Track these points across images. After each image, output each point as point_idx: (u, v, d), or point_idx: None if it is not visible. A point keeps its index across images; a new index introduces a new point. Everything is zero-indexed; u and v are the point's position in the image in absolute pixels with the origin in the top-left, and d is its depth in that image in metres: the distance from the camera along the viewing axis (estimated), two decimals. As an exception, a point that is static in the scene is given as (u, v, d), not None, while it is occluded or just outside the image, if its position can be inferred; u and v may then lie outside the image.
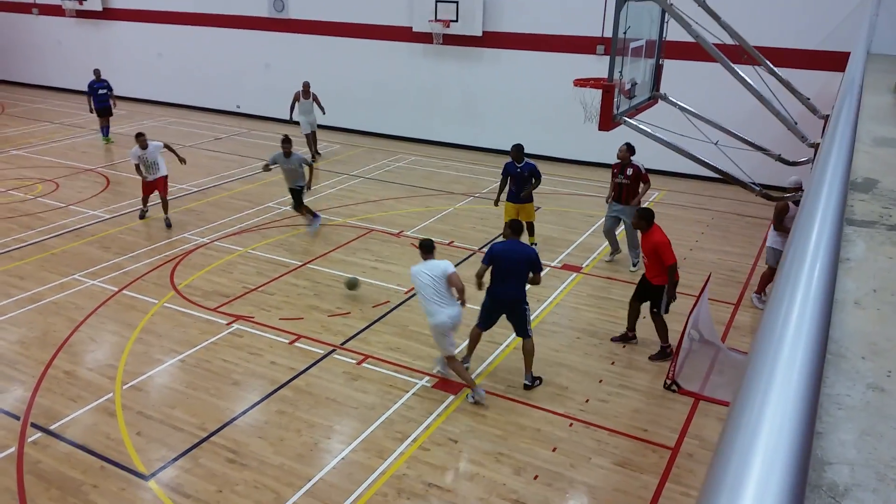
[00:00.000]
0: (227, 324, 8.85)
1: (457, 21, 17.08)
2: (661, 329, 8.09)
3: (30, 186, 14.38)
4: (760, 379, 0.86)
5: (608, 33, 9.02)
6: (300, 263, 10.72)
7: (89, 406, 7.16)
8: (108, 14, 23.14)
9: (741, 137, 9.66)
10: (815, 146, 8.05)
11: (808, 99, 9.35)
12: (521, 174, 10.61)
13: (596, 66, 14.99)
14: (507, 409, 7.19)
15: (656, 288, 7.92)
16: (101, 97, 17.60)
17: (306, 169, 11.66)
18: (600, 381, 7.73)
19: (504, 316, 7.53)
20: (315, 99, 16.26)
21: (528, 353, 7.54)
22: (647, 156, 15.24)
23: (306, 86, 16.19)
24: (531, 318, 7.58)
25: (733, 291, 10.05)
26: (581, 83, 10.05)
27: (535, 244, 11.02)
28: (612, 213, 10.59)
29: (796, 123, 8.59)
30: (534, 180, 10.62)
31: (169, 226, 12.15)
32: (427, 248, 7.29)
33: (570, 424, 6.97)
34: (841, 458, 1.36)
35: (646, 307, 8.25)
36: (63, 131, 19.43)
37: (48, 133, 19.17)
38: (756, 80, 8.77)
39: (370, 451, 6.50)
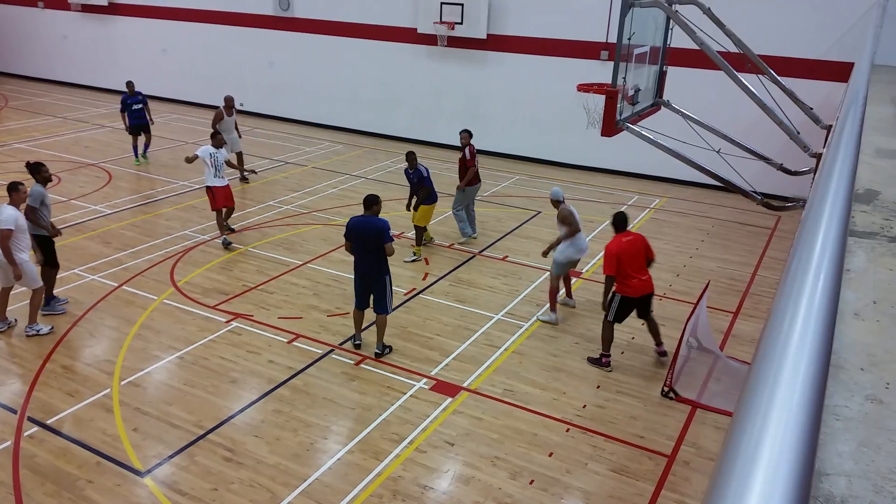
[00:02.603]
0: (227, 322, 8.85)
1: (462, 23, 17.10)
2: None
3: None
4: (763, 391, 0.86)
5: (612, 39, 9.03)
6: (300, 263, 10.72)
7: (86, 401, 7.16)
8: (114, 9, 23.17)
9: (743, 146, 9.66)
10: (818, 156, 8.06)
11: (811, 109, 9.35)
12: (410, 179, 10.96)
13: (600, 71, 15.02)
14: (504, 413, 7.19)
15: None
16: (135, 113, 15.35)
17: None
18: (598, 387, 7.73)
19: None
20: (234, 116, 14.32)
21: (381, 326, 8.07)
22: (650, 162, 15.31)
23: (229, 101, 14.14)
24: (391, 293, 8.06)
25: (732, 300, 10.05)
26: (584, 88, 10.04)
27: (417, 255, 11.03)
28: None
29: (799, 133, 8.58)
30: (423, 187, 10.80)
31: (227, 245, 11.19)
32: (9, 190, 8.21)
33: (567, 430, 6.97)
34: (838, 469, 1.36)
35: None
36: (66, 125, 19.44)
37: (51, 127, 19.18)
38: (759, 88, 8.77)
39: (366, 453, 6.50)
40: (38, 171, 8.83)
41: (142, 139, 15.82)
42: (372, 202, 7.82)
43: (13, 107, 21.54)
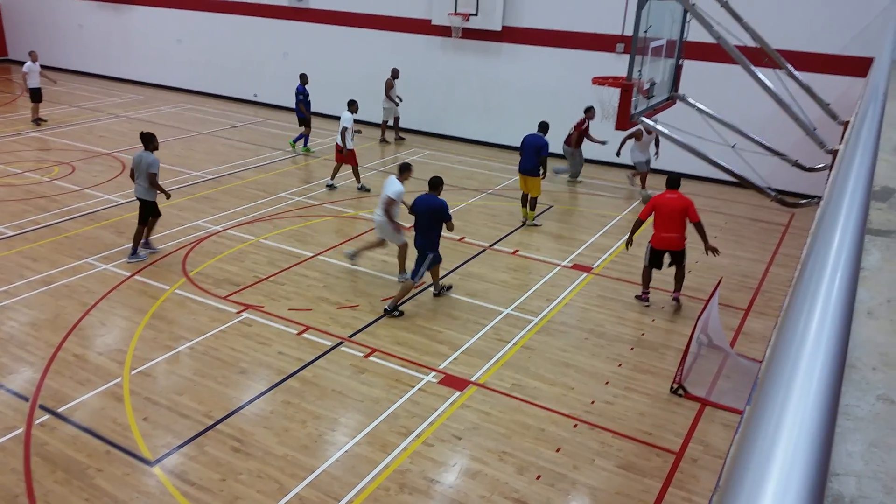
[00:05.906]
0: (237, 312, 8.88)
1: (476, 15, 17.03)
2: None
3: (46, 169, 14.48)
4: (778, 389, 0.84)
5: (629, 31, 8.95)
6: (311, 255, 10.74)
7: (97, 390, 7.21)
8: (129, -1, 23.26)
9: (758, 141, 9.57)
10: (834, 152, 7.96)
11: (828, 104, 9.25)
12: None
13: (615, 64, 14.91)
14: (512, 407, 7.18)
15: None
16: (303, 104, 16.48)
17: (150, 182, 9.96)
18: (606, 383, 7.70)
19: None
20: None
21: (403, 290, 8.97)
22: (663, 157, 15.20)
23: (395, 73, 17.38)
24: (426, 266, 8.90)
25: (744, 297, 9.97)
26: (600, 81, 9.98)
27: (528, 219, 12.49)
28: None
29: (815, 129, 8.49)
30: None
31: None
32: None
33: (575, 425, 6.94)
34: (848, 469, 1.33)
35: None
36: (81, 115, 19.55)
37: (66, 116, 19.29)
38: (776, 83, 8.68)
39: (374, 445, 6.51)
40: (151, 141, 9.82)
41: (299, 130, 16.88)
42: (437, 183, 8.81)
43: (29, 96, 21.67)
